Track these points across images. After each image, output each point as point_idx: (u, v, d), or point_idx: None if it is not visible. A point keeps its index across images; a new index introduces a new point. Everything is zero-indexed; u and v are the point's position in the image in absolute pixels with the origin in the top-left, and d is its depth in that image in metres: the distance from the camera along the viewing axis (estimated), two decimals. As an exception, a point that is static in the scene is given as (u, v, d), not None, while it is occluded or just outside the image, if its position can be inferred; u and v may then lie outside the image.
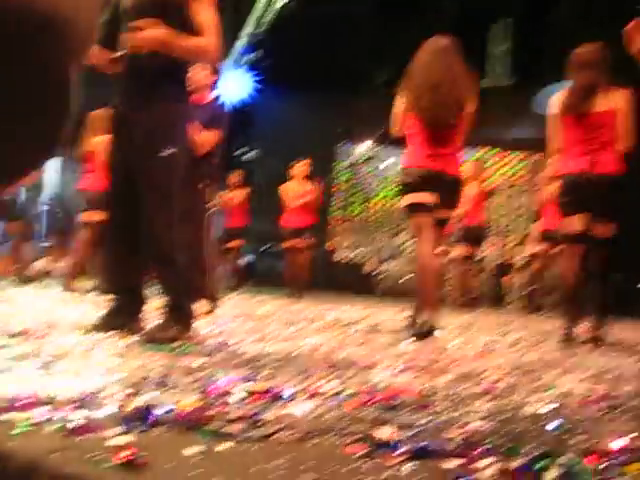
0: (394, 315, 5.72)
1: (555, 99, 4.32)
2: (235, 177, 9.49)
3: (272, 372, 2.22)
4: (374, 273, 11.37)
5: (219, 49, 3.02)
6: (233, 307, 5.38)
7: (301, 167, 8.54)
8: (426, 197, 4.04)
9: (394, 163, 11.83)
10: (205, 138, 4.31)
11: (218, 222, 8.45)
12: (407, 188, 4.13)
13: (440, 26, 13.60)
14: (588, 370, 2.86)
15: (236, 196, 9.34)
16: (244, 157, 14.78)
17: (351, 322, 4.80)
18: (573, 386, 2.36)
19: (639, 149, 4.24)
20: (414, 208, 4.08)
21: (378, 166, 11.88)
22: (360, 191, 11.51)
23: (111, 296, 3.16)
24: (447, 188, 4.07)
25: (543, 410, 1.88)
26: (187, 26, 2.92)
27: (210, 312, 4.35)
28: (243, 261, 13.37)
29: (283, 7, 11.83)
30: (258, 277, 12.15)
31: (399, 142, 11.30)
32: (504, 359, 3.11)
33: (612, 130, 4.11)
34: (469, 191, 7.50)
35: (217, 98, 4.64)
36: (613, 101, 4.12)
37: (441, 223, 4.13)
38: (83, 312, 3.90)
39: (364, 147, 11.72)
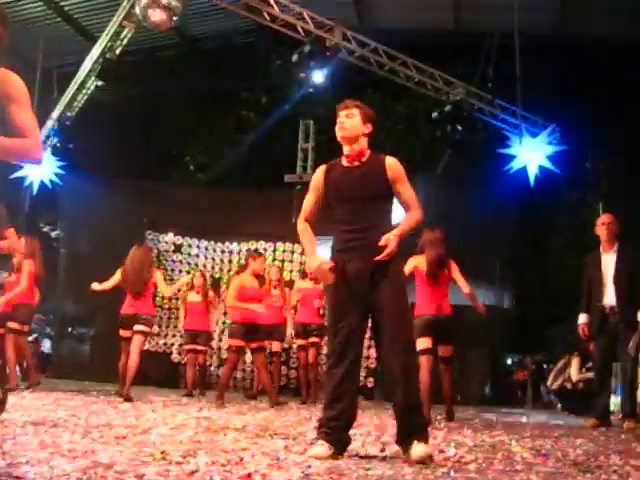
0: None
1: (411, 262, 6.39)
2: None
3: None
4: (181, 363, 11.16)
5: (41, 149, 3.03)
6: (24, 410, 5.07)
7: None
8: None
9: (203, 253, 11.87)
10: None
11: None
12: None
13: (255, 119, 14.21)
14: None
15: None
16: (51, 234, 14.25)
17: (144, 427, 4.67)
18: None
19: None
20: None
21: (187, 255, 11.83)
22: (168, 280, 11.35)
23: None
24: None
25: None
26: (7, 127, 2.87)
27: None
28: (39, 347, 12.68)
29: (94, 90, 11.69)
30: (57, 365, 11.57)
31: (205, 234, 11.22)
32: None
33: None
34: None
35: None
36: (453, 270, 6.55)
37: None
38: None
39: (170, 236, 11.65)
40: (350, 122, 3.80)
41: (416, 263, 6.51)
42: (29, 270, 8.06)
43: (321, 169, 3.95)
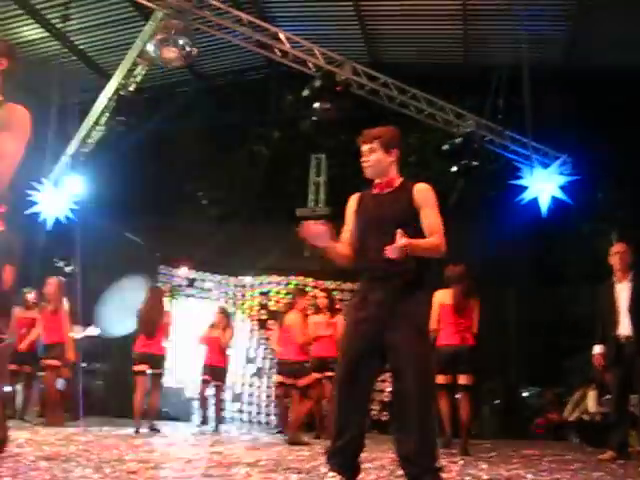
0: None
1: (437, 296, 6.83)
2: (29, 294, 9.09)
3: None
4: (194, 398, 11.14)
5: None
6: (36, 445, 5.06)
7: None
8: None
9: (216, 287, 11.91)
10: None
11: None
12: None
13: (267, 153, 14.31)
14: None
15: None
16: (66, 269, 14.31)
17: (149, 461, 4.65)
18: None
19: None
20: None
21: (201, 289, 11.87)
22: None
23: None
24: None
25: None
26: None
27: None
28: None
29: (108, 126, 11.85)
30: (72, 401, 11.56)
31: (218, 268, 11.26)
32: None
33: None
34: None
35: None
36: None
37: None
38: None
39: (183, 271, 11.71)
40: (373, 158, 3.73)
41: (441, 296, 6.97)
42: (65, 309, 8.52)
43: (354, 197, 3.90)
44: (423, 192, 3.69)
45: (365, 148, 3.75)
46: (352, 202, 3.88)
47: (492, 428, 10.77)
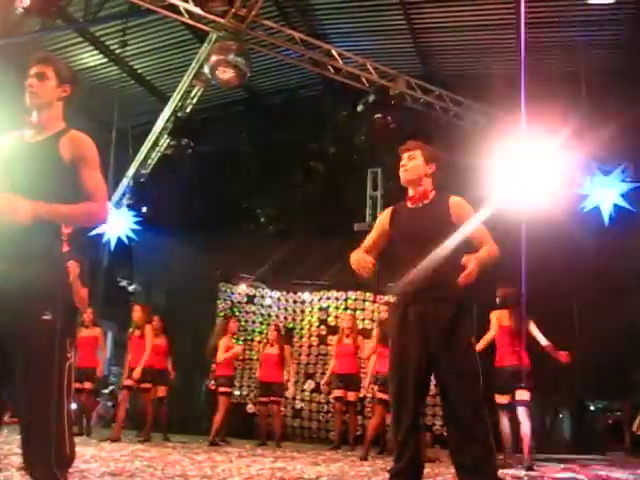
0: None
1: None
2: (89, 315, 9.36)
3: None
4: (256, 414, 11.20)
5: (106, 209, 3.06)
6: (102, 461, 5.16)
7: None
8: None
9: (275, 304, 11.98)
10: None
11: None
12: None
13: (323, 169, 14.37)
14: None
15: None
16: (129, 288, 14.62)
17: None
18: None
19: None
20: None
21: (261, 305, 11.96)
22: (242, 331, 11.48)
23: None
24: None
25: None
26: (76, 188, 2.96)
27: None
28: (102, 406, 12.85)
29: (167, 147, 12.11)
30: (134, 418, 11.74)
31: (277, 284, 11.37)
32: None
33: None
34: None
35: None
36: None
37: None
38: None
39: (243, 287, 11.82)
40: (412, 164, 3.77)
41: (498, 317, 7.12)
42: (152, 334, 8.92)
43: (388, 210, 3.94)
44: (460, 205, 3.69)
45: (405, 155, 3.81)
46: (386, 214, 3.91)
47: (559, 442, 10.52)
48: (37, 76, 3.02)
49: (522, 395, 6.80)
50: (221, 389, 9.05)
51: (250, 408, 11.27)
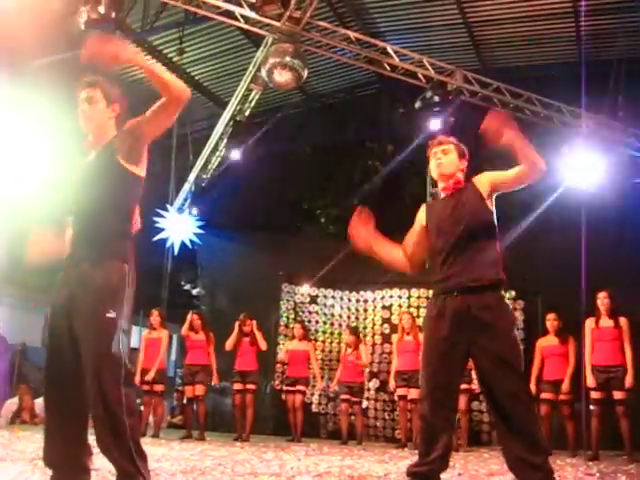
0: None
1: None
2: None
3: None
4: (321, 413, 11.26)
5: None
6: (173, 460, 5.25)
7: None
8: None
9: (338, 303, 12.00)
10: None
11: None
12: None
13: (382, 168, 14.34)
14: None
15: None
16: (192, 291, 14.87)
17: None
18: None
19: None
20: None
21: (323, 306, 12.00)
22: (307, 331, 11.55)
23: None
24: None
25: None
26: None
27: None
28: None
29: (226, 152, 12.27)
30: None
31: (339, 284, 11.41)
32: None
33: None
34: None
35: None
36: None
37: None
38: None
39: (306, 288, 11.88)
40: (447, 158, 3.76)
41: (590, 322, 7.44)
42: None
43: (423, 205, 3.94)
44: (482, 177, 3.71)
45: (439, 149, 3.79)
46: (421, 210, 3.90)
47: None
48: (87, 100, 3.23)
49: (618, 395, 7.12)
50: (298, 387, 9.71)
51: (315, 408, 11.32)
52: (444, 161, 3.76)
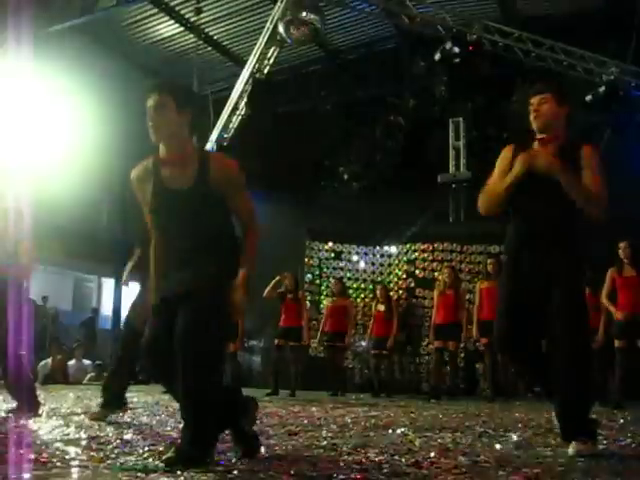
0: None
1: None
2: None
3: None
4: (348, 367, 11.40)
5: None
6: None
7: None
8: None
9: (363, 258, 12.07)
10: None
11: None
12: None
13: (404, 123, 14.25)
14: None
15: None
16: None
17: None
18: None
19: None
20: None
21: (348, 261, 12.07)
22: (330, 288, 11.63)
23: None
24: None
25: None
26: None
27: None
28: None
29: (247, 110, 12.24)
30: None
31: (364, 240, 11.34)
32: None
33: None
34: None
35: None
36: None
37: None
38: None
39: (330, 244, 11.93)
40: (544, 108, 3.51)
41: (613, 272, 7.43)
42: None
43: (508, 147, 3.62)
44: (590, 155, 3.46)
45: (535, 99, 3.53)
46: (507, 152, 3.60)
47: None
48: (155, 108, 2.89)
49: None
50: (338, 344, 9.80)
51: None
52: (542, 112, 3.51)
